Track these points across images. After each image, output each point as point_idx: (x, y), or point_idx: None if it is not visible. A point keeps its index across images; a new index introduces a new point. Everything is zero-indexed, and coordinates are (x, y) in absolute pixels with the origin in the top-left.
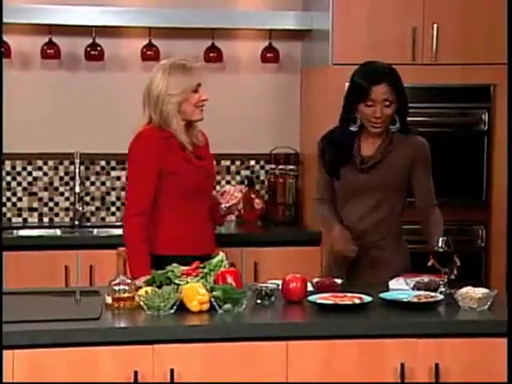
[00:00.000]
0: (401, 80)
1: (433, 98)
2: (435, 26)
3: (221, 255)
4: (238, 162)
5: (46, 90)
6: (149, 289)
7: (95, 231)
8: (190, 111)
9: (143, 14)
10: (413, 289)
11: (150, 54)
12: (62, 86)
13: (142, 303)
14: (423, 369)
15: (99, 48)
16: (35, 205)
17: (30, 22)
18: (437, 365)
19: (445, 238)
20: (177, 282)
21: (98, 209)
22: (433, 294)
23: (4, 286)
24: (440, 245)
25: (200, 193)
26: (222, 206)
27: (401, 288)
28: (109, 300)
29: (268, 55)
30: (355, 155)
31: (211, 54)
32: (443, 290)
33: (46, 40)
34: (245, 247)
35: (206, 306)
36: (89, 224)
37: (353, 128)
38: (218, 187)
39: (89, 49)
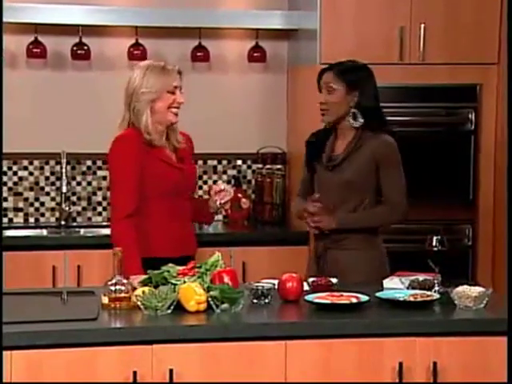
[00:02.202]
0: (359, 74)
1: (420, 98)
2: (422, 25)
3: (217, 255)
4: (224, 162)
5: (31, 89)
6: (146, 289)
7: (82, 231)
8: (162, 112)
9: (130, 13)
10: (408, 288)
11: (137, 54)
12: (48, 86)
13: (139, 303)
14: (421, 367)
15: (86, 47)
16: (21, 205)
17: (15, 20)
18: (435, 363)
19: (439, 237)
20: (173, 281)
21: (84, 209)
22: (429, 292)
23: (4, 287)
24: (434, 244)
25: (179, 195)
26: (217, 203)
27: (395, 287)
28: (105, 300)
29: (255, 55)
30: (325, 153)
31: (198, 54)
32: (438, 288)
33: (32, 39)
34: (233, 247)
35: (203, 306)
36: (75, 224)
37: (326, 125)
38: (205, 186)
39: (75, 48)
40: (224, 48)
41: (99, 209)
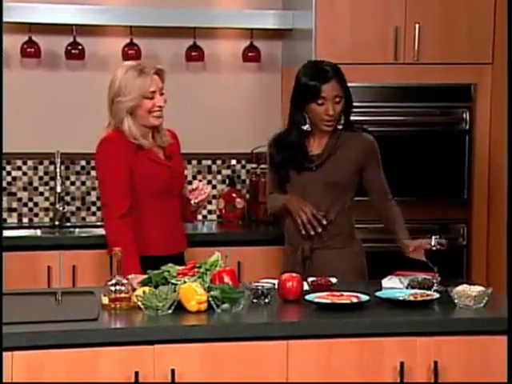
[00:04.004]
0: (343, 75)
1: (415, 97)
2: (417, 25)
3: (216, 255)
4: (219, 162)
5: (25, 88)
6: (146, 289)
7: (76, 231)
8: (144, 117)
9: (124, 12)
10: (407, 287)
11: (132, 53)
12: (42, 85)
13: (139, 303)
14: (422, 367)
15: (80, 47)
16: (14, 205)
17: (9, 20)
18: (436, 363)
19: (437, 237)
20: (173, 281)
21: (78, 209)
22: (428, 292)
23: (4, 287)
24: (433, 243)
25: (169, 193)
26: (192, 201)
27: (394, 286)
28: (105, 300)
29: (249, 54)
30: (301, 154)
31: (193, 53)
32: (437, 287)
33: (26, 38)
34: (227, 247)
35: (203, 306)
36: (69, 224)
37: (305, 128)
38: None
39: (69, 48)
40: (218, 48)
41: (93, 209)
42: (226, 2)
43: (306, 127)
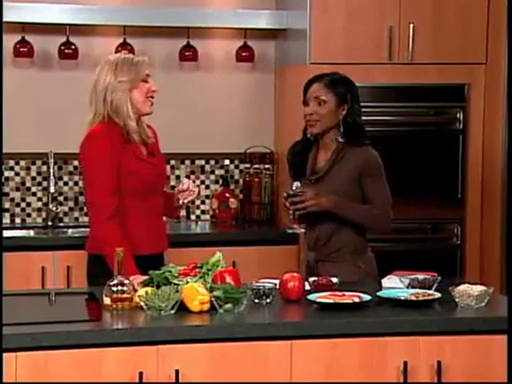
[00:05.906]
0: (348, 87)
1: (409, 97)
2: (411, 25)
3: (218, 255)
4: (212, 162)
5: (18, 88)
6: (149, 289)
7: (69, 231)
8: (141, 101)
9: (118, 12)
10: (407, 287)
11: (125, 53)
12: (35, 85)
13: (142, 303)
14: (425, 366)
15: (73, 46)
16: (7, 205)
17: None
18: (439, 362)
19: (297, 183)
20: (175, 282)
21: (71, 209)
22: (430, 291)
23: (4, 287)
24: (293, 188)
25: (153, 191)
26: (181, 201)
27: (394, 286)
28: (107, 301)
29: (243, 54)
30: (308, 166)
31: (186, 53)
32: (437, 287)
33: (19, 38)
34: (221, 247)
35: (206, 306)
36: (62, 224)
37: (309, 136)
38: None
39: (62, 47)
40: (212, 47)
41: (86, 209)
42: (219, 1)
43: (309, 135)
